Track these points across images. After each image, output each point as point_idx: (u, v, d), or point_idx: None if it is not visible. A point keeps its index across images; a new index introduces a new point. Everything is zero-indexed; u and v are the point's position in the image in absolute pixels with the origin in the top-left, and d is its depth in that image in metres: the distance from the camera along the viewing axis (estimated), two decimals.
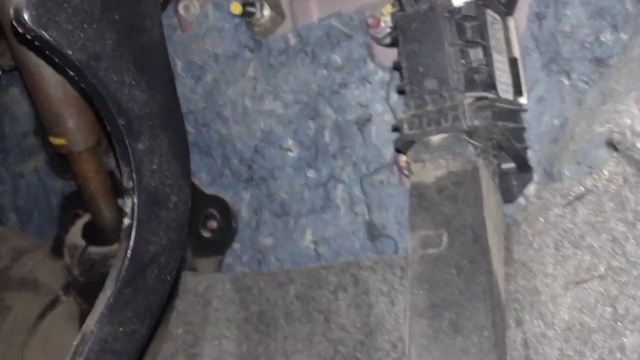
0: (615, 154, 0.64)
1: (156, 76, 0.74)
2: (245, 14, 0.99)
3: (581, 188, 0.67)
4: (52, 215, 1.43)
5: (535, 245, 0.70)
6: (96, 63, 0.66)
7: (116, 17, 0.70)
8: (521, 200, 0.83)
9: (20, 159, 1.48)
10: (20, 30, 0.63)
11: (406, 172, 0.87)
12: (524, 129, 0.82)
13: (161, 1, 1.05)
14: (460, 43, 0.73)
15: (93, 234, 1.10)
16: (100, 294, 0.72)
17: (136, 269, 0.73)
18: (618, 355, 0.59)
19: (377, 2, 0.91)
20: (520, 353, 0.67)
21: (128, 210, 0.72)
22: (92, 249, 1.08)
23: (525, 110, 0.82)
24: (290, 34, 1.00)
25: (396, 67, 0.82)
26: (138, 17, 0.73)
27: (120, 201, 1.08)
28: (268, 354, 1.00)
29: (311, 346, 0.96)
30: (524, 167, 0.80)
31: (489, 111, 0.72)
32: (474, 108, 0.72)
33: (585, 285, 0.64)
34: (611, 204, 0.64)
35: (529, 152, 0.82)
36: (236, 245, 1.12)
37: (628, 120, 0.52)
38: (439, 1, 0.74)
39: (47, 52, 0.65)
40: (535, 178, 0.82)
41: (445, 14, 0.74)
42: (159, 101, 0.74)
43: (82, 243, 1.09)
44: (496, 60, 0.77)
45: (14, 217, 1.52)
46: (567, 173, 0.74)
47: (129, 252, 0.72)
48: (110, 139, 0.75)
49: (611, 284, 0.62)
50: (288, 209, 1.05)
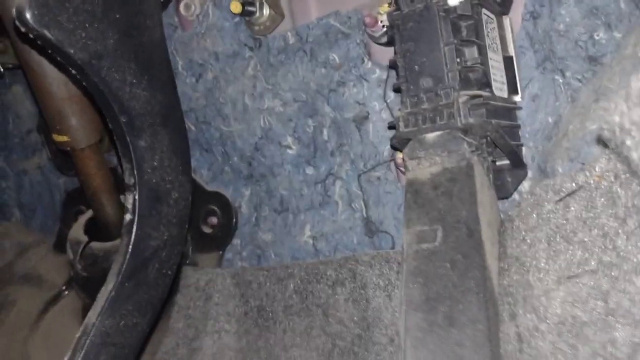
0: (606, 151, 0.64)
1: (157, 74, 0.75)
2: (245, 13, 0.99)
3: (573, 184, 0.67)
4: (55, 212, 1.44)
5: (528, 241, 0.70)
6: (98, 62, 0.67)
7: (117, 17, 0.70)
8: (516, 196, 0.84)
9: (23, 156, 1.49)
10: (22, 29, 0.64)
11: (402, 169, 0.88)
12: (519, 127, 0.82)
13: (162, 0, 1.06)
14: (456, 42, 0.74)
15: (95, 230, 1.11)
16: (102, 287, 0.73)
17: (137, 263, 0.74)
18: (609, 349, 0.59)
19: (375, 1, 0.92)
20: (513, 346, 0.68)
21: (129, 205, 0.73)
22: (95, 245, 1.09)
23: (520, 108, 0.83)
24: (289, 33, 1.00)
25: (392, 66, 0.83)
26: (139, 16, 0.74)
27: (122, 197, 1.09)
28: (267, 347, 1.01)
29: (309, 340, 0.97)
30: (518, 164, 0.80)
31: (484, 109, 0.73)
32: (469, 106, 0.72)
33: (577, 280, 0.64)
34: (602, 200, 0.64)
35: (524, 149, 0.83)
36: (236, 241, 1.13)
37: (617, 118, 0.53)
38: (434, 0, 0.74)
39: (50, 51, 0.66)
40: (530, 175, 0.82)
41: (441, 13, 0.74)
42: (160, 99, 0.75)
43: (85, 239, 1.09)
44: (491, 59, 0.78)
45: (17, 213, 1.53)
46: (561, 170, 0.74)
47: (131, 247, 0.73)
48: (111, 136, 0.76)
49: (602, 278, 0.62)
50: (287, 205, 1.06)
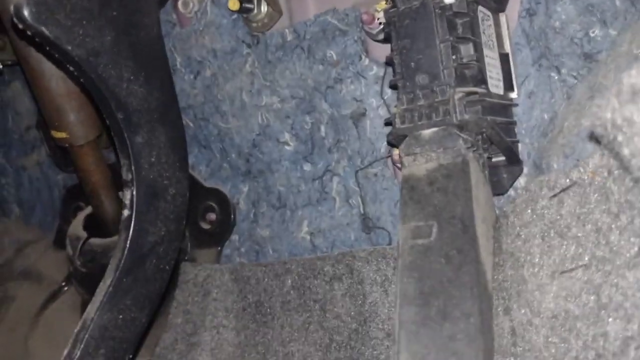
0: (600, 147, 0.65)
1: (154, 71, 0.76)
2: (242, 10, 0.99)
3: (567, 180, 0.67)
4: (54, 208, 1.44)
5: (522, 236, 0.71)
6: (95, 58, 0.68)
7: (115, 14, 0.71)
8: (511, 192, 0.84)
9: (22, 152, 1.49)
10: (20, 26, 0.64)
11: (399, 166, 0.88)
12: (514, 123, 0.83)
13: None
14: (451, 39, 0.74)
15: (94, 226, 1.11)
16: (101, 283, 0.74)
17: (135, 258, 0.74)
18: (601, 342, 0.60)
19: None
20: (507, 340, 0.68)
21: (127, 201, 0.74)
22: (94, 241, 1.09)
23: (516, 105, 0.83)
24: (287, 30, 1.01)
25: (389, 63, 0.83)
26: (136, 14, 0.74)
27: (120, 194, 1.10)
28: (265, 342, 1.02)
29: (307, 335, 0.97)
30: (513, 160, 0.81)
31: (479, 106, 0.73)
32: (464, 103, 0.73)
33: (571, 275, 0.65)
34: (596, 195, 0.64)
35: (519, 146, 0.83)
36: (234, 237, 1.14)
37: (609, 114, 0.53)
38: None
39: (47, 48, 0.67)
40: (525, 171, 0.83)
41: (437, 11, 0.75)
42: (157, 95, 0.76)
43: (84, 235, 1.10)
44: (487, 56, 0.78)
45: (17, 210, 1.53)
46: (556, 166, 0.74)
47: (128, 243, 0.74)
48: (109, 133, 0.77)
49: (595, 273, 0.62)
50: (285, 202, 1.07)
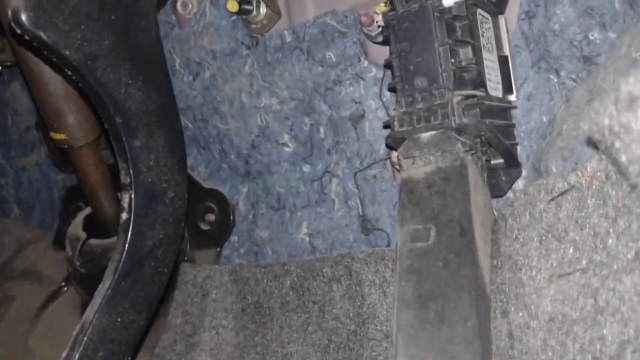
0: (598, 152, 0.65)
1: (152, 74, 0.76)
2: (242, 12, 0.99)
3: (565, 184, 0.67)
4: (54, 208, 1.45)
5: (520, 239, 0.71)
6: (93, 63, 0.68)
7: (112, 17, 0.71)
8: (510, 194, 0.84)
9: (22, 152, 1.49)
10: (18, 31, 0.64)
11: (398, 167, 0.88)
12: (513, 126, 0.83)
13: None
14: (450, 42, 0.74)
15: (94, 227, 1.12)
16: (99, 286, 0.74)
17: (134, 261, 0.75)
18: (598, 346, 0.60)
19: (371, 1, 0.92)
20: (505, 343, 0.69)
21: (125, 205, 0.74)
22: (93, 242, 1.10)
23: (515, 107, 0.83)
24: (286, 32, 1.00)
25: (388, 66, 0.83)
26: (134, 17, 0.74)
27: (119, 194, 1.10)
28: (264, 343, 1.02)
29: (306, 336, 0.98)
30: (512, 163, 0.81)
31: (478, 109, 0.73)
32: (463, 106, 0.73)
33: (568, 278, 0.65)
34: (594, 200, 0.64)
35: (518, 148, 0.83)
36: (234, 238, 1.14)
37: (607, 120, 0.53)
38: (429, 1, 0.74)
39: (45, 52, 0.67)
40: (524, 173, 0.83)
41: (436, 14, 0.74)
42: (155, 99, 0.76)
43: (83, 235, 1.10)
44: (486, 59, 0.78)
45: (16, 210, 1.54)
46: (554, 169, 0.75)
47: (127, 246, 0.74)
48: (108, 136, 0.77)
49: (592, 277, 0.62)
50: (284, 203, 1.07)
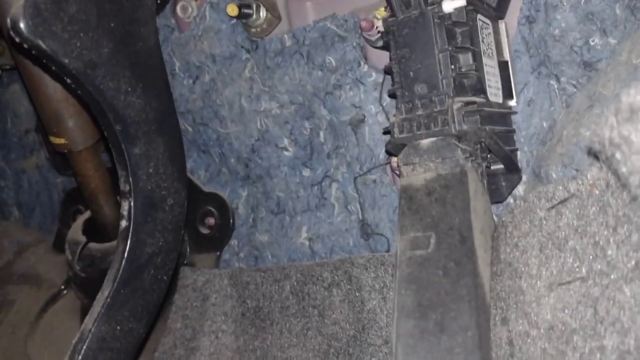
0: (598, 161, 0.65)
1: (152, 82, 0.75)
2: (241, 16, 0.99)
3: (566, 192, 0.67)
4: (54, 211, 1.44)
5: (520, 247, 0.71)
6: (92, 71, 0.67)
7: (112, 25, 0.70)
8: (510, 200, 0.84)
9: (21, 155, 1.49)
10: (17, 39, 0.64)
11: (398, 172, 0.88)
12: (514, 131, 0.83)
13: (158, 1, 1.05)
14: (450, 49, 0.74)
15: (93, 231, 1.11)
16: (98, 294, 0.74)
17: (133, 269, 0.75)
18: (598, 356, 0.59)
19: (371, 5, 0.92)
20: (505, 351, 0.69)
21: (125, 212, 0.74)
22: (93, 246, 1.09)
23: (515, 113, 0.83)
24: (286, 36, 1.00)
25: (388, 72, 0.83)
26: (133, 24, 0.74)
27: (119, 198, 1.10)
28: (264, 347, 1.02)
29: (306, 340, 0.98)
30: (512, 169, 0.81)
31: (478, 116, 0.73)
32: (463, 113, 0.73)
33: (568, 287, 0.65)
34: (594, 208, 0.64)
35: (518, 154, 0.83)
36: (233, 242, 1.14)
37: (607, 132, 0.53)
38: (429, 7, 0.74)
39: (44, 61, 0.67)
40: (524, 179, 0.83)
41: (436, 20, 0.74)
42: (155, 106, 0.76)
43: (83, 239, 1.10)
44: (486, 65, 0.78)
45: (16, 212, 1.54)
46: (554, 175, 0.75)
47: (126, 254, 0.74)
48: (106, 143, 0.77)
49: (592, 286, 0.62)
50: (284, 207, 1.07)
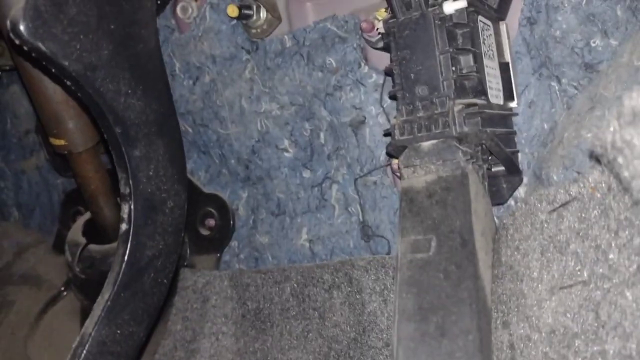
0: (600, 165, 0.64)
1: (152, 84, 0.75)
2: (242, 17, 0.98)
3: (567, 195, 0.67)
4: (54, 212, 1.44)
5: (522, 250, 0.70)
6: (92, 73, 0.67)
7: (112, 27, 0.70)
8: (511, 202, 0.84)
9: (21, 156, 1.49)
10: (17, 42, 0.64)
11: (398, 174, 0.88)
12: (514, 133, 0.82)
13: (158, 2, 1.05)
14: (451, 50, 0.73)
15: (93, 232, 1.11)
16: (99, 297, 0.73)
17: (133, 272, 0.74)
18: None
19: (372, 6, 0.92)
20: (506, 354, 0.68)
21: (125, 215, 0.74)
22: (93, 247, 1.09)
23: (516, 114, 0.83)
24: (286, 36, 1.00)
25: (388, 73, 0.83)
26: (133, 26, 0.73)
27: (119, 199, 1.09)
28: (264, 349, 1.02)
29: (306, 343, 0.97)
30: (513, 171, 0.80)
31: (479, 118, 0.73)
32: (464, 115, 0.72)
33: (570, 291, 0.64)
34: (596, 211, 0.64)
35: (519, 155, 0.83)
36: (234, 243, 1.14)
37: (609, 136, 0.53)
38: (430, 9, 0.74)
39: (44, 63, 0.67)
40: (525, 181, 0.82)
41: (437, 22, 0.74)
42: (155, 108, 0.75)
43: (83, 241, 1.10)
44: (487, 66, 0.78)
45: (16, 213, 1.53)
46: (555, 177, 0.74)
47: (126, 257, 0.73)
48: (106, 146, 0.76)
49: (594, 290, 0.62)
50: (284, 208, 1.07)
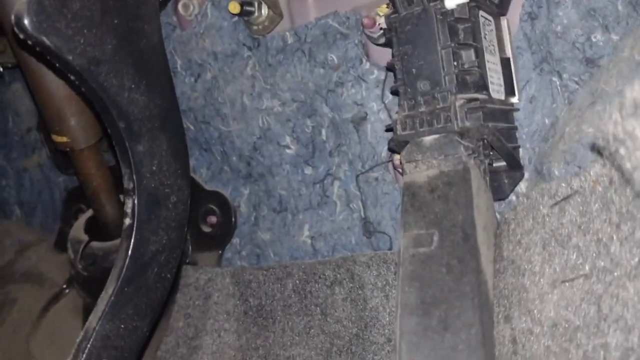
0: (601, 156, 0.65)
1: (155, 79, 0.75)
2: (243, 13, 0.98)
3: (568, 189, 0.67)
4: (56, 210, 1.44)
5: (523, 244, 0.71)
6: (96, 67, 0.68)
7: (115, 22, 0.71)
8: (512, 197, 0.84)
9: (23, 154, 1.49)
10: (21, 36, 0.64)
11: (400, 170, 0.88)
12: (516, 128, 0.82)
13: (160, 0, 1.05)
14: (453, 45, 0.74)
15: (96, 229, 1.11)
16: (102, 292, 0.74)
17: (137, 267, 0.75)
18: (602, 353, 0.60)
19: (373, 2, 0.92)
20: (508, 348, 0.69)
21: (128, 210, 0.74)
22: (95, 244, 1.09)
23: (517, 110, 0.83)
24: (287, 33, 1.00)
25: (390, 69, 0.83)
26: (137, 21, 0.74)
27: (122, 197, 1.10)
28: (267, 346, 1.02)
29: (308, 339, 0.98)
30: (514, 166, 0.81)
31: (480, 112, 0.73)
32: (466, 109, 0.73)
33: (571, 284, 0.65)
34: (597, 205, 0.64)
35: (521, 151, 0.83)
36: (235, 240, 1.14)
37: (611, 127, 0.53)
38: (432, 4, 0.74)
39: (48, 57, 0.67)
40: (526, 176, 0.83)
41: (438, 17, 0.74)
42: (158, 103, 0.76)
43: (85, 238, 1.10)
44: (488, 61, 0.78)
45: (18, 211, 1.53)
46: (557, 172, 0.74)
47: (130, 251, 0.74)
48: (110, 140, 0.77)
49: (596, 283, 0.62)
50: (286, 205, 1.07)
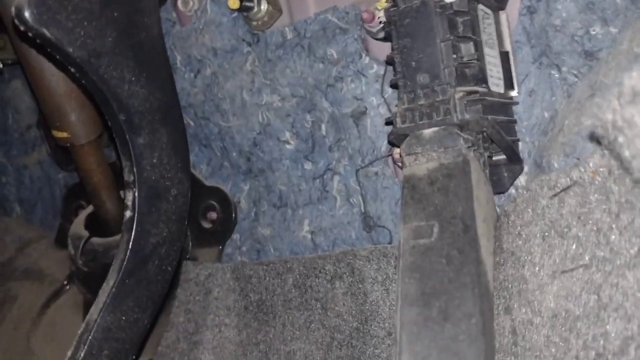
0: (600, 147, 0.65)
1: (155, 72, 0.76)
2: (242, 9, 0.99)
3: (568, 180, 0.68)
4: (56, 206, 1.44)
5: (523, 235, 0.71)
6: (96, 60, 0.68)
7: (115, 14, 0.71)
8: (512, 190, 0.84)
9: (23, 151, 1.49)
10: (21, 28, 0.64)
11: (400, 164, 0.88)
12: (515, 122, 0.83)
13: None
14: (452, 38, 0.74)
15: (96, 225, 1.12)
16: (104, 284, 0.74)
17: (138, 260, 0.75)
18: (601, 342, 0.60)
19: None
20: (508, 339, 0.69)
21: (129, 203, 0.74)
22: (95, 240, 1.09)
23: (516, 103, 0.83)
24: (287, 28, 1.00)
25: (389, 62, 0.83)
26: (137, 14, 0.74)
27: (122, 193, 1.10)
28: (267, 341, 1.02)
29: (308, 333, 0.98)
30: (514, 159, 0.81)
31: (480, 105, 0.74)
32: (465, 102, 0.73)
33: (571, 274, 0.65)
34: (596, 195, 0.64)
35: (520, 144, 0.83)
36: (236, 236, 1.14)
37: (610, 115, 0.53)
38: None
39: (49, 50, 0.67)
40: (526, 169, 0.83)
41: (437, 10, 0.75)
42: (159, 96, 0.76)
43: (86, 234, 1.10)
44: (487, 55, 0.78)
45: (18, 208, 1.53)
46: (556, 165, 0.75)
47: (131, 244, 0.74)
48: (110, 133, 0.77)
49: (596, 273, 0.62)
50: (286, 200, 1.07)
